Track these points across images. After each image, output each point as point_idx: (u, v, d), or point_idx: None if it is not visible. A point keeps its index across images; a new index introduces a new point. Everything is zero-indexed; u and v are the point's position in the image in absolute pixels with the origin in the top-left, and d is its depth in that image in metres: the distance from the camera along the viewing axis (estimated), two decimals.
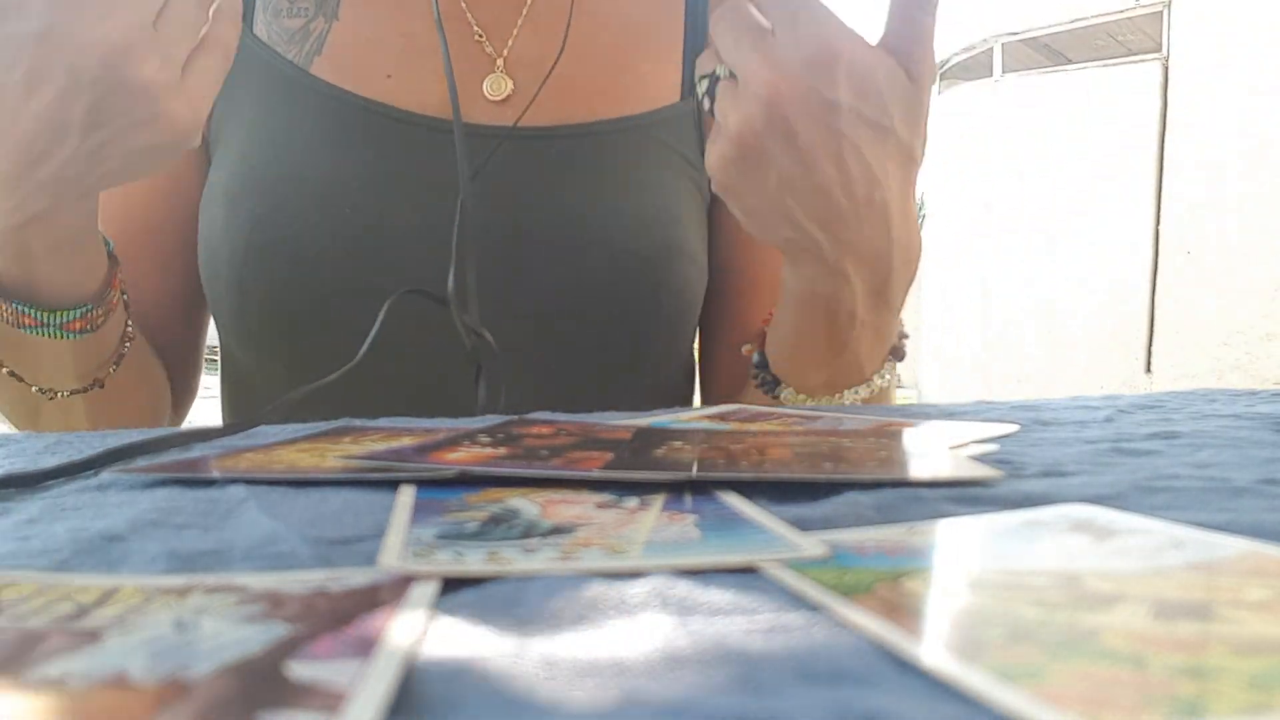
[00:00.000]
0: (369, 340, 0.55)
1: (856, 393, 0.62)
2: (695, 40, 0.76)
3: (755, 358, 0.65)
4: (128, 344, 0.63)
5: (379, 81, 0.69)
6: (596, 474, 0.32)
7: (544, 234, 0.68)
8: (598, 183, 0.70)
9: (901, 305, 0.61)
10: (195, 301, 0.75)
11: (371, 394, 0.66)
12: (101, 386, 0.62)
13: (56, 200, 0.51)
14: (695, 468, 0.33)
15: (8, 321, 0.56)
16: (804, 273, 0.57)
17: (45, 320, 0.56)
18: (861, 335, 0.59)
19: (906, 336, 0.65)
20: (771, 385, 0.64)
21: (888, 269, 0.56)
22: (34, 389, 0.60)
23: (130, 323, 0.63)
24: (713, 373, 0.81)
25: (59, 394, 0.60)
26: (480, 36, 0.72)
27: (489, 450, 0.36)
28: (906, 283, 0.59)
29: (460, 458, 0.34)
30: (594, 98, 0.72)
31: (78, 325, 0.57)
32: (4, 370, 0.59)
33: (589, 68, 0.72)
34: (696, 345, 0.81)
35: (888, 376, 0.63)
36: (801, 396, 0.63)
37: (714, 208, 0.76)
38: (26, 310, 0.55)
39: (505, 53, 0.72)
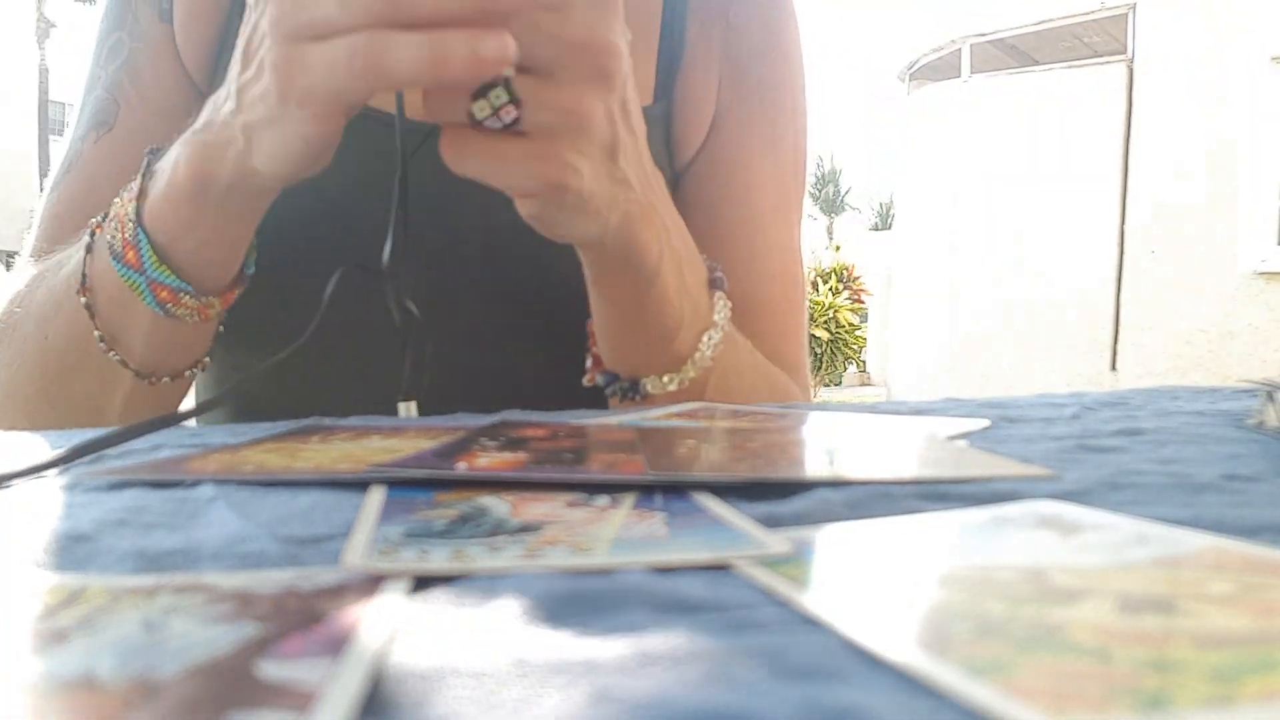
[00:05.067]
0: (317, 319, 0.55)
1: (710, 338, 0.60)
2: (671, 43, 0.76)
3: (600, 379, 0.63)
4: (191, 371, 0.61)
5: None
6: (670, 476, 0.31)
7: (513, 236, 0.67)
8: None
9: (673, 219, 0.58)
10: None
11: (319, 374, 0.66)
12: (152, 383, 0.59)
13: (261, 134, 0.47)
14: (738, 468, 0.33)
15: (115, 241, 0.54)
16: (631, 238, 0.53)
17: (145, 264, 0.53)
18: (668, 272, 0.56)
19: (715, 266, 0.62)
20: (631, 388, 0.61)
21: (654, 176, 0.54)
22: (97, 332, 0.57)
23: (209, 359, 0.62)
24: None
25: (114, 352, 0.57)
26: None
27: (509, 455, 0.36)
28: (662, 187, 0.56)
29: (490, 463, 0.34)
30: None
31: (165, 295, 0.54)
32: (82, 298, 0.56)
33: None
34: None
35: (723, 310, 0.61)
36: (666, 378, 0.60)
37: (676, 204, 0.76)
38: (143, 241, 0.53)
39: None
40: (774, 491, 0.30)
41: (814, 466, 0.34)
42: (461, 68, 0.40)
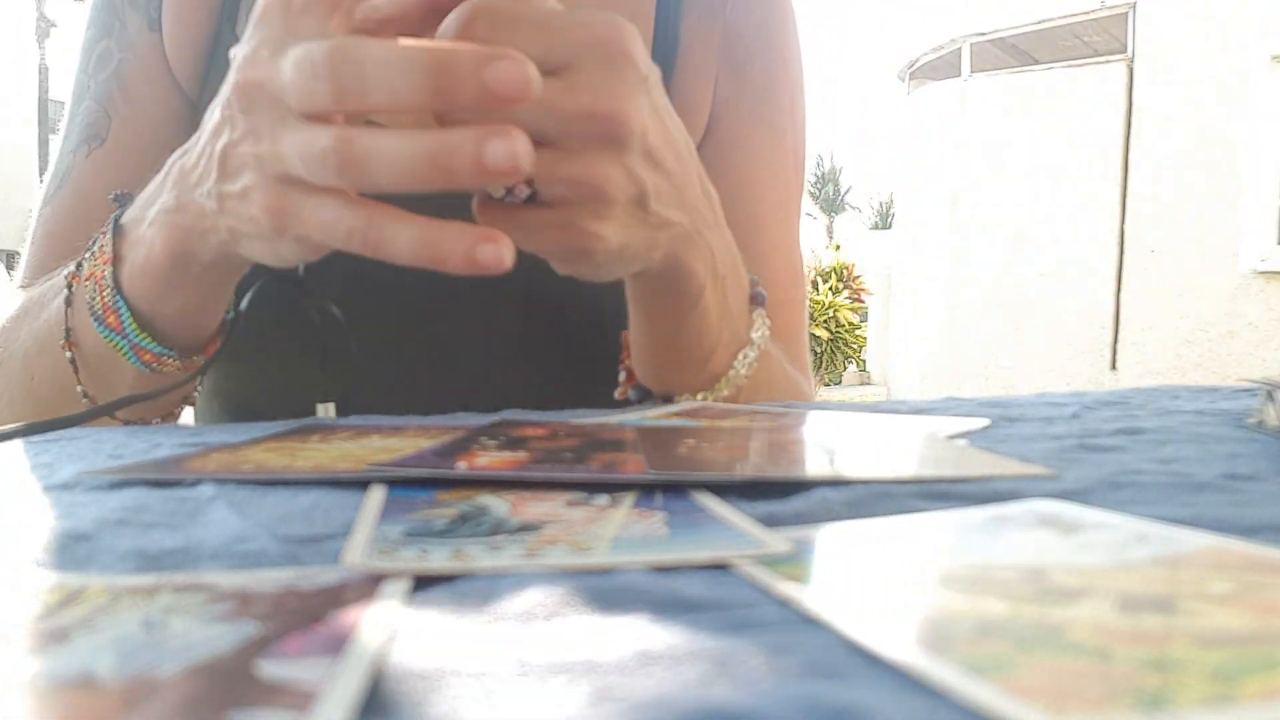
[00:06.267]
0: (231, 327, 0.56)
1: (746, 356, 0.59)
2: (665, 42, 0.75)
3: (632, 393, 0.63)
4: (178, 408, 0.61)
5: None
6: (670, 476, 0.31)
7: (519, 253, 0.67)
8: None
9: (724, 236, 0.56)
10: None
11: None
12: (145, 424, 0.58)
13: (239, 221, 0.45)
14: (739, 468, 0.33)
15: (95, 303, 0.52)
16: (679, 262, 0.52)
17: (127, 330, 0.52)
18: (711, 296, 0.55)
19: (756, 281, 0.61)
20: (664, 404, 0.60)
21: (704, 199, 0.52)
22: (80, 388, 0.56)
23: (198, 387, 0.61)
24: None
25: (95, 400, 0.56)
26: None
27: (509, 454, 0.36)
28: (716, 207, 0.54)
29: (490, 463, 0.34)
30: None
31: (149, 358, 0.53)
32: (68, 353, 0.55)
33: None
34: None
35: (761, 329, 0.60)
36: (700, 396, 0.59)
37: None
38: (123, 308, 0.52)
39: None
40: (774, 491, 0.30)
41: (814, 466, 0.34)
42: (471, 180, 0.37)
